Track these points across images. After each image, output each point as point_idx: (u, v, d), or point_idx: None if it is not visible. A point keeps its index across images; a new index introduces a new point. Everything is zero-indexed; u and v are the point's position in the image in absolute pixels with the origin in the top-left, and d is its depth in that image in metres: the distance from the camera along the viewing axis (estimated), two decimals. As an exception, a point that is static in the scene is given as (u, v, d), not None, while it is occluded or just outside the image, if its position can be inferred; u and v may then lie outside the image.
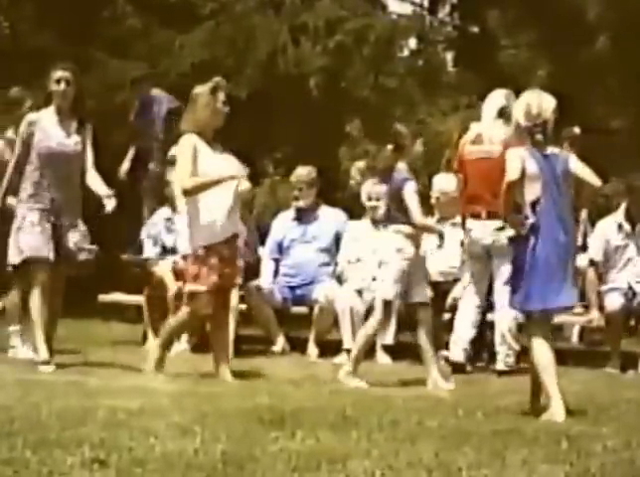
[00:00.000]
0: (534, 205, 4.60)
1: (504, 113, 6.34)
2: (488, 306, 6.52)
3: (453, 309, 6.85)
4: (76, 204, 6.09)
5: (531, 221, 4.60)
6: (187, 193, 5.69)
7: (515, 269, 4.70)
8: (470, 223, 6.36)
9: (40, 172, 5.98)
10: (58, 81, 6.02)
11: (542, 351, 4.57)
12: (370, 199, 7.39)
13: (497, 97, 6.49)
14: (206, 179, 5.66)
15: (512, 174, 4.62)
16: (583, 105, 9.41)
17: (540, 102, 4.66)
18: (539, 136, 4.63)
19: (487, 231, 6.29)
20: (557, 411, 4.45)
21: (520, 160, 4.62)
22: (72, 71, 6.07)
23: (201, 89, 5.74)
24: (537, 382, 4.63)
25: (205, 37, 9.99)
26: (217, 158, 5.74)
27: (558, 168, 4.66)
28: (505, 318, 6.31)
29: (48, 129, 6.03)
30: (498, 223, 6.25)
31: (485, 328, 6.62)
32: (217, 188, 5.64)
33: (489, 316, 6.58)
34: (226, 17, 10.15)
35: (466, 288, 6.49)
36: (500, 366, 6.31)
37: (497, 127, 6.36)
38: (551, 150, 4.69)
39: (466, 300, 6.44)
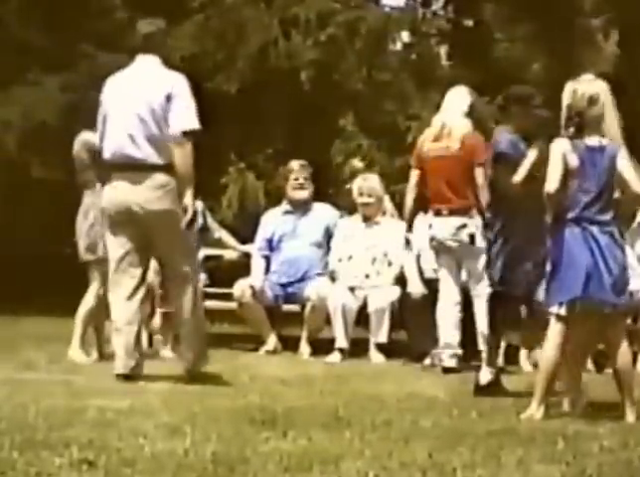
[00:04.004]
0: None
1: (472, 110, 6.34)
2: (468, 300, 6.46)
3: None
4: None
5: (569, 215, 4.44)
6: None
7: (551, 265, 4.52)
8: (432, 219, 6.33)
9: None
10: None
11: (546, 349, 4.52)
12: (361, 195, 7.34)
13: (466, 93, 6.44)
14: None
15: (548, 185, 4.43)
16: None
17: (575, 93, 4.44)
18: (570, 130, 4.44)
19: (448, 228, 6.26)
20: (535, 412, 4.44)
21: (561, 159, 4.43)
22: None
23: None
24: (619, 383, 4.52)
25: (194, 30, 9.92)
26: None
27: (604, 162, 4.46)
28: (483, 317, 6.25)
29: None
30: (459, 220, 6.23)
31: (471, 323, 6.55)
32: None
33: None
34: (215, 10, 10.08)
35: (440, 287, 6.43)
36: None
37: (463, 123, 6.31)
38: (599, 141, 4.47)
39: (443, 300, 6.37)
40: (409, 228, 6.56)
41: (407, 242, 6.74)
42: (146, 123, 5.21)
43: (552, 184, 4.44)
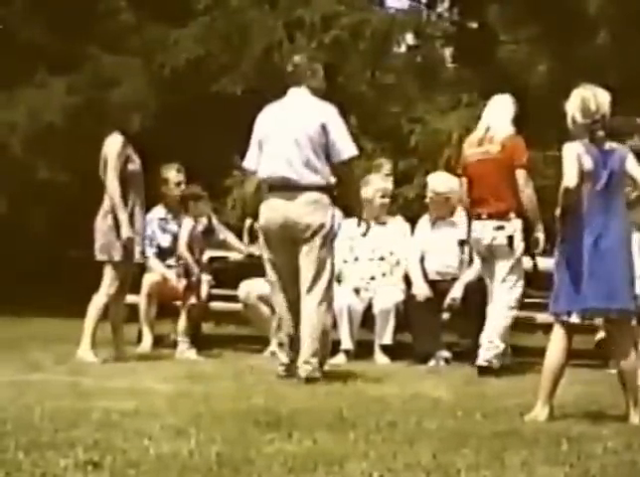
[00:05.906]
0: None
1: (515, 120, 6.32)
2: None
3: (451, 309, 6.81)
4: None
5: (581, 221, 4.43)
6: None
7: (557, 270, 4.51)
8: (473, 223, 6.35)
9: None
10: None
11: (550, 352, 4.52)
12: (383, 196, 7.35)
13: (510, 102, 6.42)
14: None
15: (569, 181, 4.41)
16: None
17: (595, 97, 4.49)
18: (600, 133, 4.47)
19: (486, 230, 6.26)
20: (539, 413, 4.44)
21: (576, 159, 4.43)
22: None
23: None
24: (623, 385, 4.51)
25: (199, 32, 9.95)
26: None
27: (614, 164, 4.49)
28: (493, 316, 6.24)
29: None
30: (497, 223, 6.23)
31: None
32: None
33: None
34: (220, 12, 10.10)
35: (491, 291, 6.40)
36: (479, 362, 6.20)
37: (507, 127, 6.30)
38: (609, 145, 4.52)
39: (493, 303, 6.35)
40: (468, 233, 6.51)
41: (463, 243, 6.64)
42: (302, 148, 5.63)
43: (572, 180, 4.41)
